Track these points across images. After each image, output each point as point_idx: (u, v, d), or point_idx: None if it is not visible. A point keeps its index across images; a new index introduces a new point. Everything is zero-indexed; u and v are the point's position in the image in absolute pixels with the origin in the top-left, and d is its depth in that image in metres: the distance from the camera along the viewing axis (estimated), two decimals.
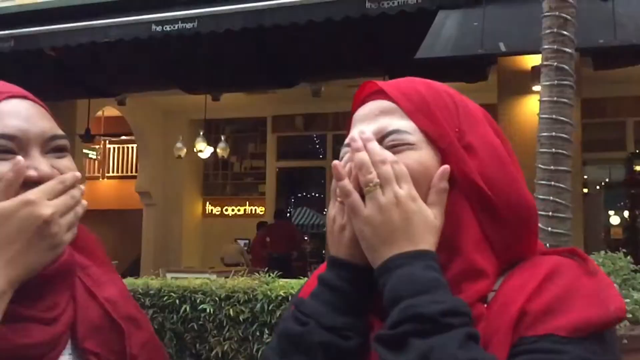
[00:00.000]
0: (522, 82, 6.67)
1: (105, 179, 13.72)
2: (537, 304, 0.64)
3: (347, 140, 0.73)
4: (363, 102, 0.76)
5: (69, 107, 9.75)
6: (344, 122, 0.73)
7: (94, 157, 12.90)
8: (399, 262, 0.65)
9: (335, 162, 0.71)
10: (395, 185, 0.67)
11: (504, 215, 0.69)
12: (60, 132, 0.80)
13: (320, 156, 11.38)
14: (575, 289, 0.65)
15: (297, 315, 0.71)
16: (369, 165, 0.67)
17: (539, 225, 3.50)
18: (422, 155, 0.70)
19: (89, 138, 9.68)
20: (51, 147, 0.78)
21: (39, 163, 0.75)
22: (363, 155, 0.68)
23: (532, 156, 3.59)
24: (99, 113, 11.52)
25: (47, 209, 0.69)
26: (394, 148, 0.70)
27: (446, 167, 0.69)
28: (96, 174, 13.61)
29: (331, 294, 0.70)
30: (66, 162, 0.80)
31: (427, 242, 0.67)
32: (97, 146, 12.80)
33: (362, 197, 0.68)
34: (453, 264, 0.68)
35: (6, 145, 0.74)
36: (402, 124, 0.71)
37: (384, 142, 0.71)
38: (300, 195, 13.28)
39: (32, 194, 0.70)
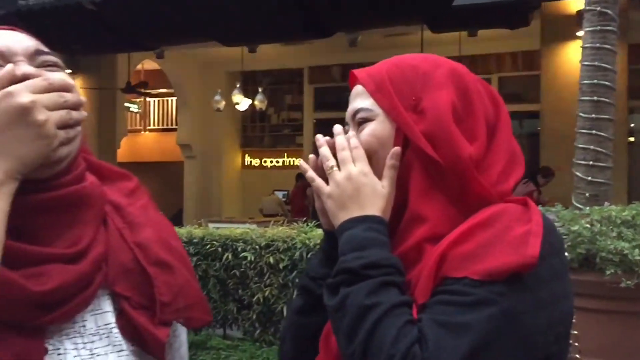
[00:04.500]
0: (567, 28, 6.44)
1: (147, 132, 13.97)
2: (459, 249, 0.74)
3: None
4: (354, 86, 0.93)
5: (110, 61, 9.88)
6: None
7: (136, 110, 13.10)
8: (347, 226, 0.81)
9: (300, 161, 0.91)
10: (350, 164, 0.84)
11: (446, 168, 0.81)
12: (46, 48, 0.80)
13: None
14: (500, 236, 0.74)
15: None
16: (328, 156, 0.86)
17: (578, 174, 3.48)
18: (376, 127, 0.86)
19: (130, 90, 9.80)
20: (40, 63, 0.78)
21: (26, 69, 0.73)
22: (324, 150, 0.87)
23: (576, 104, 3.50)
24: (139, 67, 11.65)
25: (26, 97, 0.69)
26: (361, 123, 0.87)
27: (397, 148, 0.83)
28: (138, 127, 13.86)
29: (321, 253, 0.93)
30: (59, 74, 0.78)
31: (376, 207, 0.82)
32: (138, 100, 12.99)
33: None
34: (405, 215, 0.82)
35: None
36: (365, 102, 0.88)
37: (355, 119, 0.88)
38: None
39: (12, 87, 0.70)
